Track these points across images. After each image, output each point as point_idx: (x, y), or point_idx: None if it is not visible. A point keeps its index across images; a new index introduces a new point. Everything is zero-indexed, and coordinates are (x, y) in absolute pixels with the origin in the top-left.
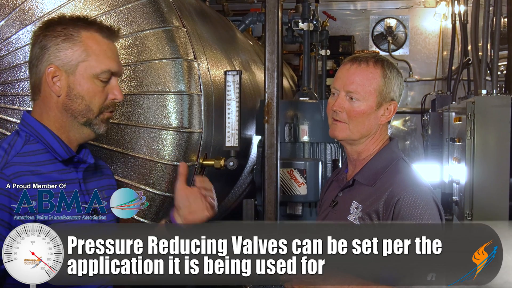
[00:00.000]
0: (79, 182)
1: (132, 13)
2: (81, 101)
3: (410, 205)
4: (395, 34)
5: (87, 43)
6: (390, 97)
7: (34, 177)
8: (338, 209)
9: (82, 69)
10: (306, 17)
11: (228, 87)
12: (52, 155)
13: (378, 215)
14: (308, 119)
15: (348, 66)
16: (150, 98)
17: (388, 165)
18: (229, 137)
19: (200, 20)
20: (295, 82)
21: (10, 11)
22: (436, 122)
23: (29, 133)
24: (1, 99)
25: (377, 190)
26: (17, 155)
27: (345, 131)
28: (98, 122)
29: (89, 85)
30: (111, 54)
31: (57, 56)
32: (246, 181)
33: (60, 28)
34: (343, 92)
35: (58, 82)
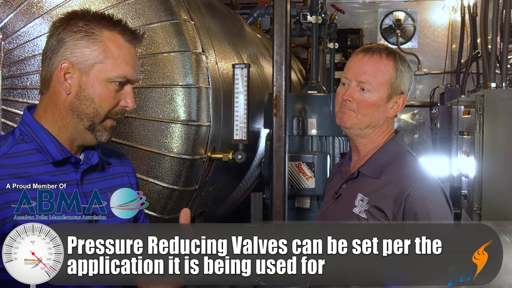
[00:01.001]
0: (77, 183)
1: (140, 6)
2: (90, 103)
3: (421, 199)
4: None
5: (107, 44)
6: (400, 90)
7: (18, 180)
8: (342, 201)
9: (97, 71)
10: (315, 10)
11: (236, 80)
12: (44, 156)
13: (386, 209)
14: (316, 113)
15: (360, 56)
16: (158, 91)
17: (394, 158)
18: (237, 130)
19: (208, 13)
20: (303, 76)
21: (18, 5)
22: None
23: (24, 131)
24: (10, 92)
25: (383, 183)
26: (3, 157)
27: (353, 119)
28: (101, 129)
29: (101, 89)
30: (130, 60)
31: (74, 52)
32: (254, 175)
33: (82, 23)
34: (355, 82)
35: (69, 80)
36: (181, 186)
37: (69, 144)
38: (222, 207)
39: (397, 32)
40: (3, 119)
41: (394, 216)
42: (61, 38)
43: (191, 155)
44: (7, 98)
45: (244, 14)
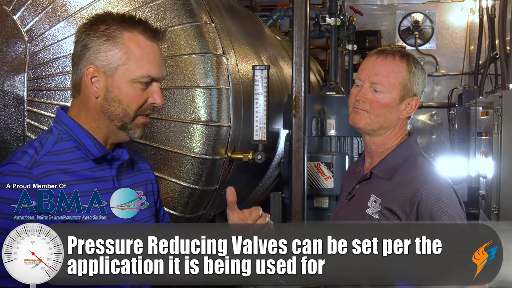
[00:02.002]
0: (113, 180)
1: (162, 9)
2: (118, 104)
3: (436, 200)
4: (422, 28)
5: (129, 46)
6: (413, 92)
7: (65, 175)
8: (355, 201)
9: (121, 73)
10: (333, 12)
11: (256, 82)
12: (84, 153)
13: (398, 211)
14: (335, 113)
15: (374, 58)
16: (179, 92)
17: (406, 160)
18: (257, 131)
19: (229, 16)
20: (322, 77)
21: (43, 8)
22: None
23: (62, 130)
24: (35, 94)
25: (395, 184)
26: (47, 154)
27: (366, 120)
28: (134, 127)
29: (127, 89)
30: (153, 58)
31: (98, 56)
32: (274, 174)
33: (103, 27)
34: (368, 83)
35: (96, 83)
36: (202, 186)
37: (104, 142)
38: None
39: (415, 33)
40: (29, 119)
41: (407, 217)
42: (85, 44)
43: (211, 155)
44: (33, 99)
45: (264, 17)
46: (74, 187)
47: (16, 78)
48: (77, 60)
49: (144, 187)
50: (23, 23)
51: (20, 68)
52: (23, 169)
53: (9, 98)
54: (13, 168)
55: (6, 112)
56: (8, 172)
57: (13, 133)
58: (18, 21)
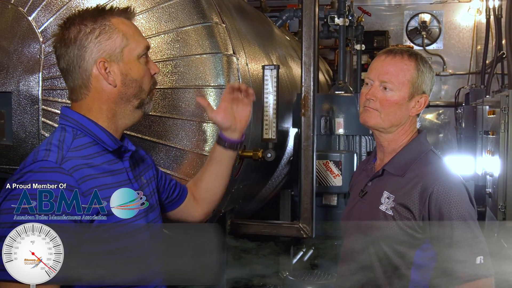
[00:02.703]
0: (126, 171)
1: (173, 10)
2: (135, 84)
3: (445, 196)
4: (429, 29)
5: (121, 28)
6: (422, 90)
7: (90, 169)
8: (368, 198)
9: (127, 54)
10: (342, 13)
11: (266, 81)
12: (100, 147)
13: (412, 207)
14: (343, 112)
15: (383, 58)
16: (191, 91)
17: (417, 156)
18: (267, 129)
19: (239, 16)
20: (331, 76)
21: (58, 9)
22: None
23: (75, 127)
24: (50, 93)
25: (407, 180)
26: (70, 150)
27: (376, 118)
28: (148, 101)
29: (137, 67)
30: (140, 32)
31: (100, 49)
32: (283, 172)
33: (90, 23)
34: (377, 81)
35: (110, 73)
36: None
37: (115, 133)
38: (252, 203)
39: (423, 33)
40: (43, 118)
41: (420, 213)
42: (80, 46)
43: None
44: (47, 99)
45: (273, 17)
46: (98, 181)
47: (31, 78)
48: (77, 63)
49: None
50: (38, 24)
51: (35, 68)
52: (54, 165)
53: (24, 98)
54: (44, 165)
55: (22, 111)
56: (39, 169)
57: (28, 132)
58: (33, 22)
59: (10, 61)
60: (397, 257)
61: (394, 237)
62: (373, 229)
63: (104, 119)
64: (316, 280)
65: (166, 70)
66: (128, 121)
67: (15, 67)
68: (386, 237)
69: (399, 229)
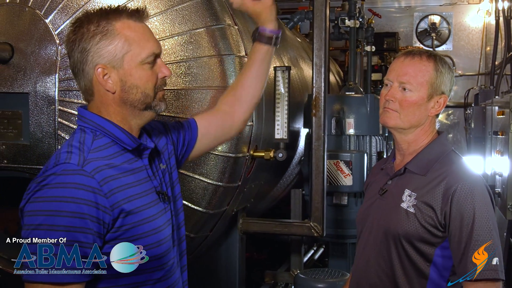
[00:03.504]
0: (146, 169)
1: (187, 12)
2: (136, 90)
3: (468, 195)
4: (439, 30)
5: (125, 33)
6: (441, 90)
7: (111, 170)
8: (388, 196)
9: (128, 60)
10: (352, 15)
11: (277, 82)
12: (119, 147)
13: (434, 204)
14: (354, 113)
15: (402, 59)
16: (203, 92)
17: (440, 156)
18: (278, 129)
19: (251, 18)
20: (341, 77)
21: (74, 12)
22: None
23: (93, 128)
24: (66, 94)
25: (430, 179)
26: (91, 152)
27: (396, 119)
28: (157, 103)
29: (139, 73)
30: (149, 36)
31: (101, 55)
32: (294, 172)
33: (93, 27)
34: (397, 83)
35: (109, 80)
36: (225, 183)
37: (131, 132)
38: (263, 202)
39: (432, 35)
40: (60, 118)
41: (441, 211)
42: (82, 49)
43: (234, 153)
44: (63, 99)
45: (285, 19)
46: (119, 181)
47: (47, 79)
48: (80, 66)
49: None
50: (54, 26)
51: (52, 70)
52: (76, 167)
53: (41, 98)
54: (67, 168)
55: (38, 112)
56: (62, 172)
57: (45, 132)
58: (50, 25)
59: (28, 62)
60: (417, 254)
61: (415, 234)
62: (394, 225)
63: (114, 120)
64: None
65: (179, 72)
66: (140, 121)
67: (32, 69)
68: (406, 233)
69: (420, 226)
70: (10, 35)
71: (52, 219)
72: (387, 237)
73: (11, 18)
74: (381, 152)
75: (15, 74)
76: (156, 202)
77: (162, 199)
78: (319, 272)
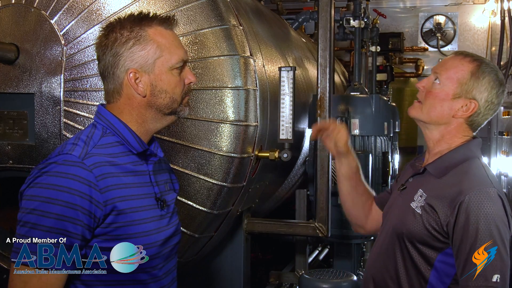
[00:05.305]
0: (149, 174)
1: (192, 13)
2: (165, 95)
3: (476, 206)
4: (444, 30)
5: (157, 39)
6: (472, 95)
7: (112, 167)
8: (405, 194)
9: (159, 65)
10: (357, 15)
11: (282, 83)
12: (126, 148)
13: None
14: (359, 113)
15: (450, 56)
16: (208, 93)
17: (461, 162)
18: (283, 130)
19: (256, 19)
20: (346, 78)
21: (79, 12)
22: None
23: (105, 126)
24: (71, 94)
25: (443, 184)
26: (95, 147)
27: (417, 110)
28: (182, 108)
29: (169, 78)
30: (178, 43)
31: (133, 59)
32: (299, 172)
33: (126, 32)
34: (433, 74)
35: (140, 84)
36: (230, 183)
37: (145, 134)
38: (268, 203)
39: (438, 35)
40: (65, 119)
41: (446, 217)
42: (115, 53)
43: (239, 154)
44: (69, 100)
45: (290, 19)
46: (118, 179)
47: (53, 80)
48: (111, 69)
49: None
50: (59, 27)
51: (57, 70)
52: (77, 159)
53: (46, 99)
54: (67, 158)
55: (44, 112)
56: (63, 162)
57: (50, 132)
58: (55, 25)
59: (33, 63)
60: (419, 255)
61: (417, 236)
62: (400, 223)
63: (133, 122)
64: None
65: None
66: (159, 125)
67: (37, 69)
68: (410, 233)
69: (423, 228)
70: (16, 36)
71: (46, 206)
72: (394, 234)
73: (17, 19)
74: (386, 152)
75: (21, 75)
76: (153, 207)
77: (160, 206)
78: (324, 272)
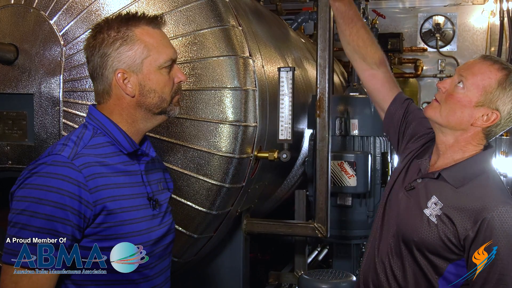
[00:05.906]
0: (141, 174)
1: (191, 13)
2: (154, 94)
3: (500, 224)
4: (443, 31)
5: (144, 39)
6: (496, 105)
7: (102, 167)
8: (414, 195)
9: (147, 65)
10: None
11: (281, 83)
12: (117, 148)
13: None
14: (358, 114)
15: (477, 58)
16: (208, 93)
17: (479, 174)
18: (282, 130)
19: (255, 19)
20: (345, 78)
21: (78, 13)
22: None
23: (96, 126)
24: (70, 95)
25: (462, 195)
26: (86, 147)
27: (435, 111)
28: (172, 107)
29: (157, 77)
30: (166, 42)
31: (121, 60)
32: (298, 173)
33: (113, 33)
34: (457, 75)
35: (129, 84)
36: (229, 183)
37: (137, 136)
38: (267, 203)
39: (437, 36)
40: (64, 119)
41: (465, 231)
42: (103, 53)
43: (238, 154)
44: (68, 100)
45: (289, 20)
46: (108, 179)
47: (52, 80)
48: (99, 70)
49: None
50: (59, 27)
51: (56, 71)
52: (66, 160)
53: (45, 99)
54: (56, 159)
55: (43, 113)
56: (52, 162)
57: (49, 133)
58: (54, 26)
59: (32, 63)
60: (427, 264)
61: (430, 245)
62: (410, 229)
63: (124, 123)
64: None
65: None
66: (150, 124)
67: (37, 70)
68: (422, 242)
69: (438, 239)
70: (15, 36)
71: (36, 206)
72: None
73: (16, 20)
74: (385, 153)
75: (20, 75)
76: (144, 206)
77: (152, 206)
78: (323, 273)
